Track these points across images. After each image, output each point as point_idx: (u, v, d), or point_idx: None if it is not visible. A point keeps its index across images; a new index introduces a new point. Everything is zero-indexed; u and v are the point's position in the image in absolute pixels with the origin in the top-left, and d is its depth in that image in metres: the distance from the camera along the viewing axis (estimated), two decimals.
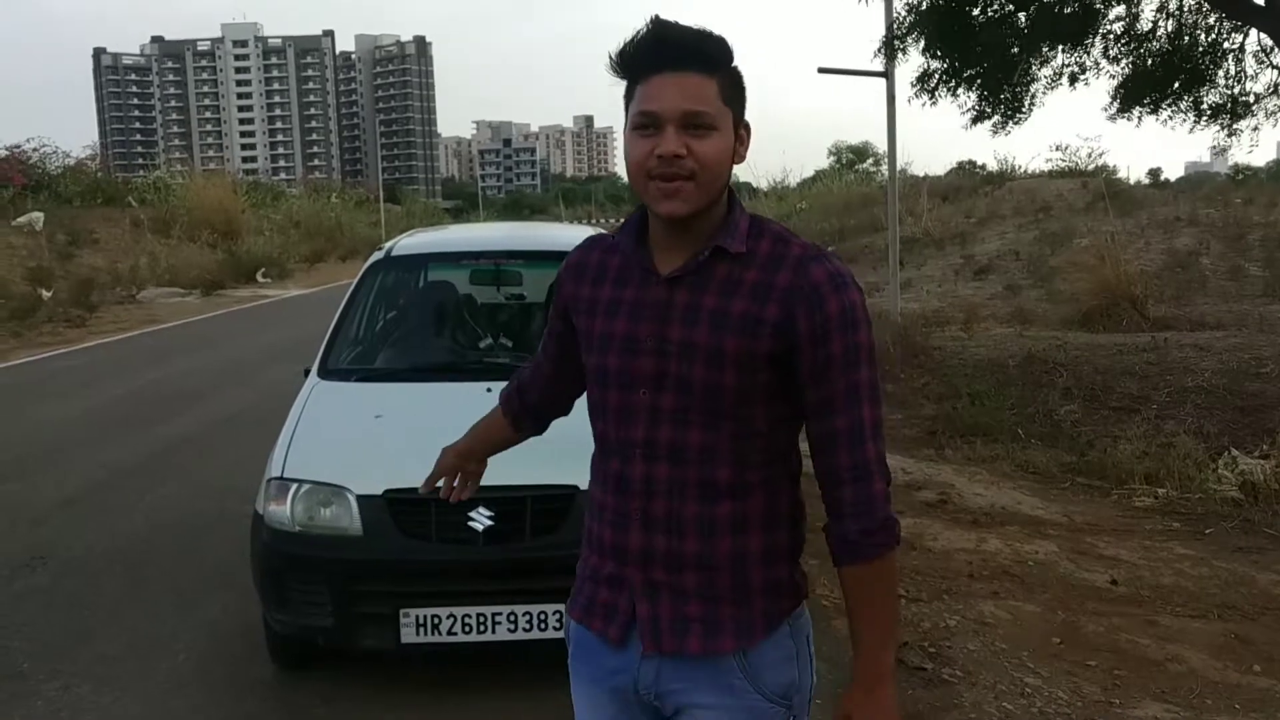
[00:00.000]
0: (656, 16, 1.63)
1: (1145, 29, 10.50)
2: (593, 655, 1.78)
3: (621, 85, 1.67)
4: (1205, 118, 10.62)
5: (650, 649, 1.70)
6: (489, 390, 4.30)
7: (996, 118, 11.04)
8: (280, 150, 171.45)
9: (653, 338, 1.66)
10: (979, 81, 10.66)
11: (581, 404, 1.96)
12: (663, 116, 1.58)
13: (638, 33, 1.62)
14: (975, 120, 11.10)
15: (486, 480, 3.63)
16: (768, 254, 1.65)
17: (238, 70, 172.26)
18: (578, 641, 1.83)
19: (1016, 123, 11.05)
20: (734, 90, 1.64)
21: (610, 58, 1.66)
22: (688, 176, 1.59)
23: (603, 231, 1.96)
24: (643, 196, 1.67)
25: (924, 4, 10.20)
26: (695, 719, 1.71)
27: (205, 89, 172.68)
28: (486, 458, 2.26)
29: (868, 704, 1.63)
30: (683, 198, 1.60)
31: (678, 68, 1.59)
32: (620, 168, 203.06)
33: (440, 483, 2.29)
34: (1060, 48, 10.39)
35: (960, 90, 10.75)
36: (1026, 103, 10.91)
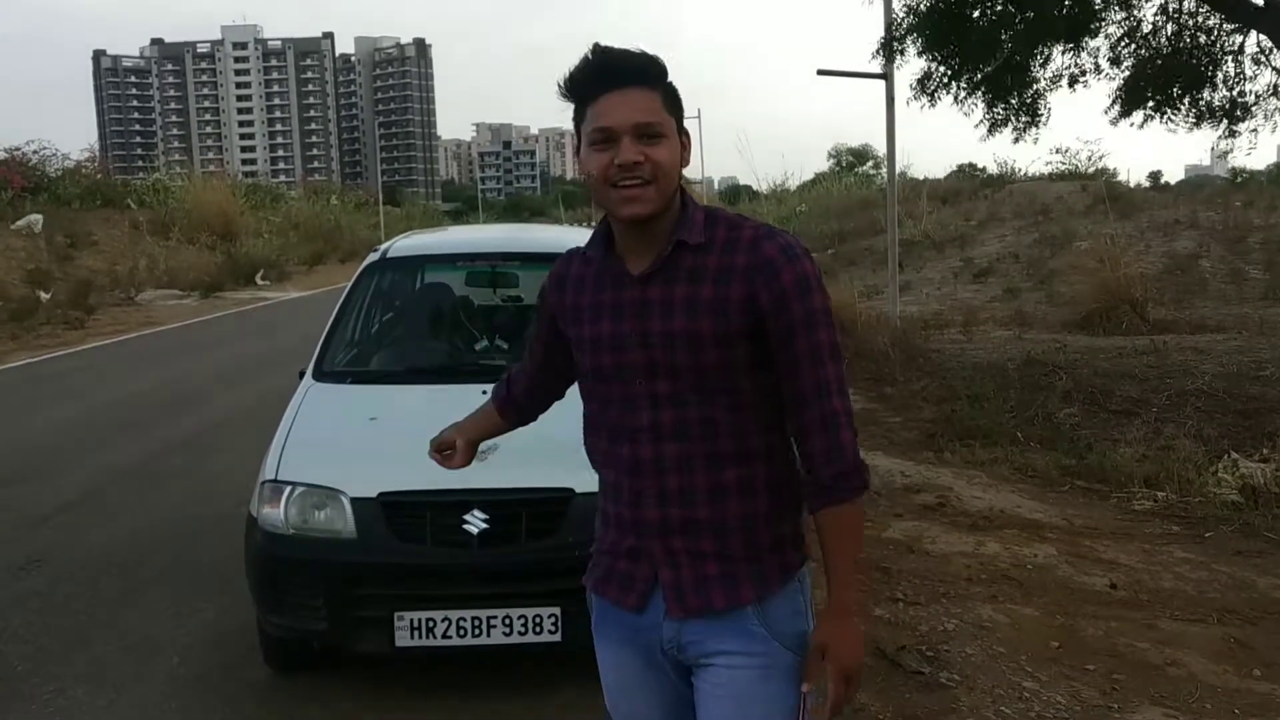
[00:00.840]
0: (597, 44, 1.81)
1: (1145, 31, 10.49)
2: (615, 619, 1.96)
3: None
4: (1205, 119, 10.61)
5: (676, 613, 1.86)
6: (484, 393, 4.28)
7: (1014, 124, 11.01)
8: (280, 152, 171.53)
9: (636, 333, 1.83)
10: (981, 86, 10.64)
11: (574, 410, 2.10)
12: (618, 129, 1.76)
13: (583, 60, 1.80)
14: (992, 129, 11.08)
15: (482, 483, 3.65)
16: (724, 240, 1.82)
17: (237, 72, 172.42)
18: (599, 608, 2.00)
19: (1036, 127, 11.01)
20: (673, 102, 1.82)
21: (559, 84, 1.84)
22: (647, 181, 1.77)
23: (577, 245, 2.05)
24: (606, 206, 1.84)
25: (922, 6, 10.19)
26: (717, 670, 1.87)
27: (205, 91, 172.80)
28: (478, 442, 2.40)
29: (840, 631, 1.81)
30: (643, 201, 1.78)
31: (624, 85, 1.77)
32: None
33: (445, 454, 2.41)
34: (1059, 49, 10.38)
35: (960, 93, 10.73)
36: (1043, 108, 10.88)
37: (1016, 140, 11.27)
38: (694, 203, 1.87)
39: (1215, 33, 10.37)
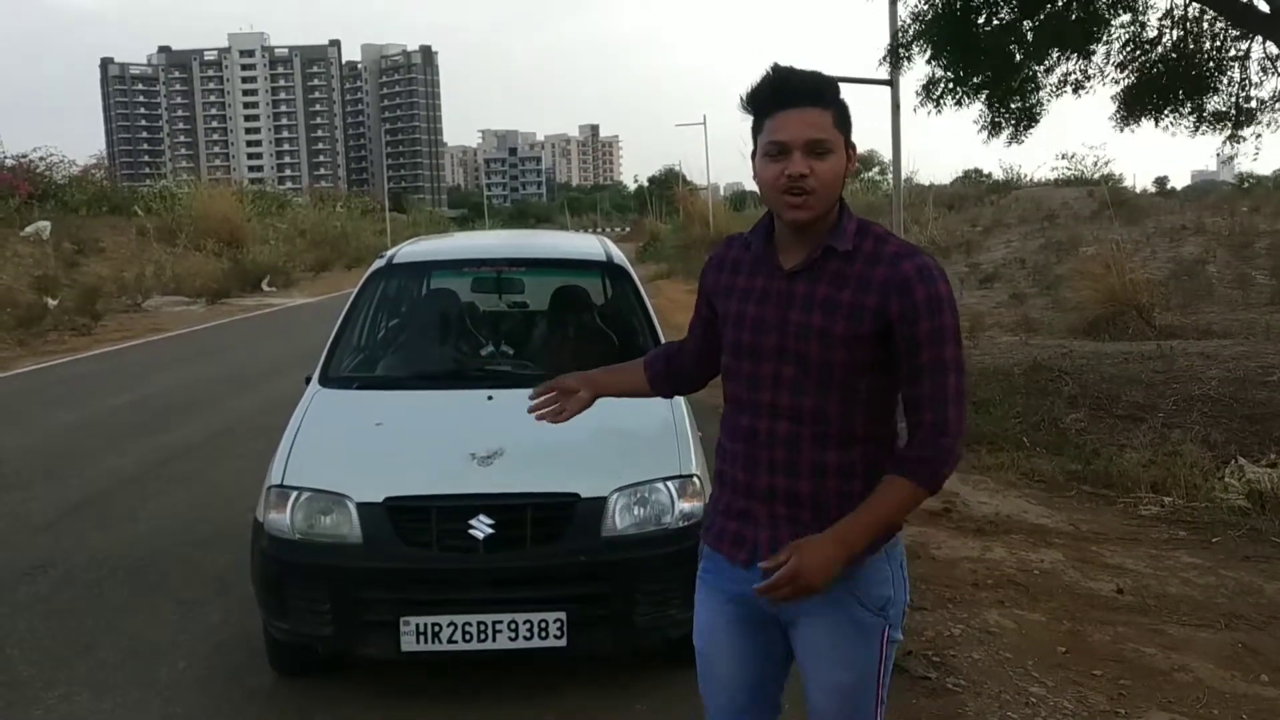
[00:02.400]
0: (777, 64, 2.04)
1: (1151, 36, 10.48)
2: (722, 571, 2.19)
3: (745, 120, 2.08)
4: (1210, 125, 10.59)
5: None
6: (490, 398, 4.30)
7: (1009, 129, 11.00)
8: (286, 159, 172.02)
9: (777, 319, 2.07)
10: (986, 91, 10.63)
11: (581, 417, 2.40)
12: (790, 144, 1.98)
13: (763, 77, 2.04)
14: (991, 133, 11.08)
15: (487, 488, 3.65)
16: (870, 252, 2.04)
17: (244, 80, 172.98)
18: (709, 558, 2.24)
19: (1028, 130, 11.00)
20: (843, 119, 2.03)
21: (741, 98, 2.07)
22: (811, 191, 1.98)
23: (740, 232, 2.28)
24: (773, 208, 2.08)
25: (929, 13, 10.18)
26: (808, 626, 2.12)
27: (212, 98, 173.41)
28: (599, 396, 2.53)
29: (819, 545, 1.95)
30: (806, 208, 2.00)
31: (799, 104, 1.99)
32: (625, 176, 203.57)
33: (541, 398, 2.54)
34: (1065, 56, 10.36)
35: (966, 99, 10.72)
36: (1037, 112, 10.87)
37: (1010, 144, 11.25)
38: (849, 213, 2.08)
39: (1221, 39, 10.35)
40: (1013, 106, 10.78)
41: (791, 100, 1.98)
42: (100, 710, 3.89)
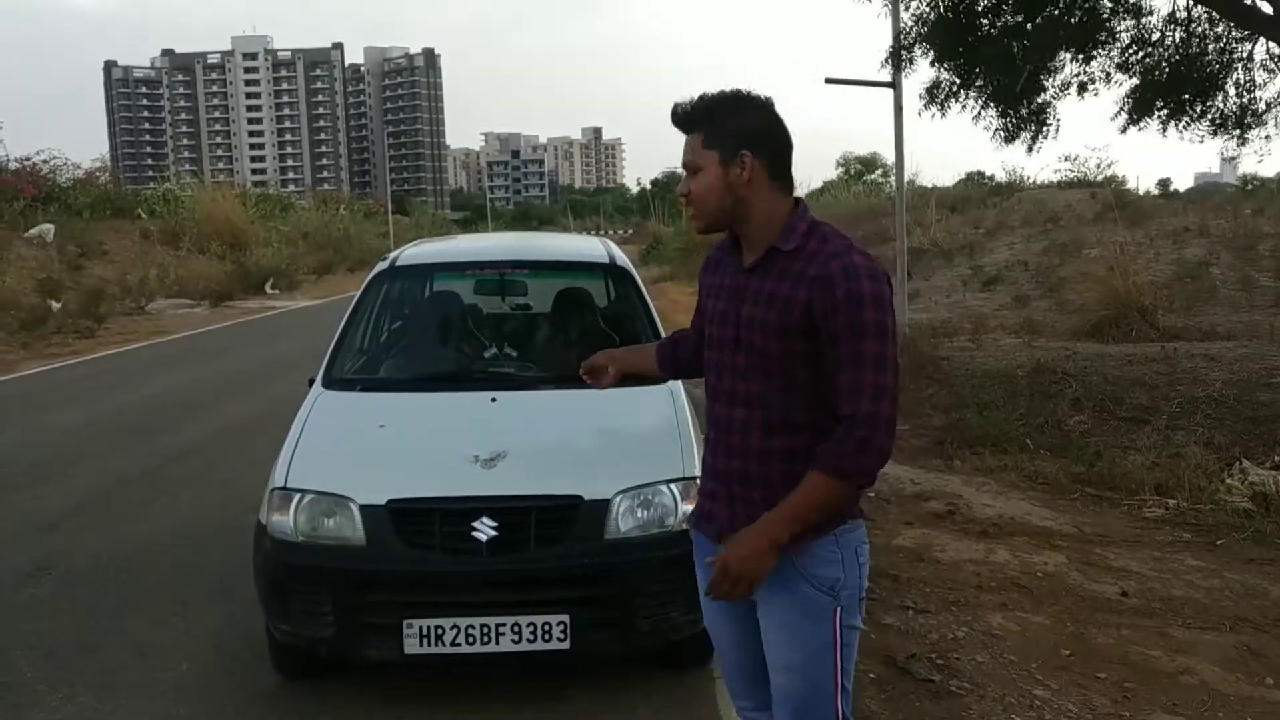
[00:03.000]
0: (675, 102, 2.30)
1: (1154, 38, 10.45)
2: (704, 549, 2.40)
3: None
4: (1216, 127, 10.57)
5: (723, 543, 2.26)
6: (493, 400, 4.31)
7: (1026, 135, 10.98)
8: (289, 162, 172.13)
9: (734, 313, 2.28)
10: (990, 94, 10.60)
11: (581, 419, 2.83)
12: (682, 168, 2.31)
13: None
14: (1008, 140, 11.05)
15: (490, 490, 3.65)
16: (813, 251, 2.20)
17: (247, 83, 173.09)
18: (696, 539, 2.48)
19: (1045, 137, 10.98)
20: (713, 136, 2.23)
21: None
22: (693, 204, 2.29)
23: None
24: None
25: (932, 16, 10.17)
26: (764, 605, 2.29)
27: (215, 101, 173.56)
28: (623, 373, 2.82)
29: (743, 539, 2.17)
30: (696, 218, 2.33)
31: (683, 130, 2.29)
32: (628, 179, 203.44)
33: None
34: (1069, 57, 10.34)
35: (971, 102, 10.70)
36: (1047, 117, 10.85)
37: (1030, 150, 11.24)
38: (804, 215, 2.26)
39: (1225, 40, 10.33)
40: (1022, 112, 10.75)
41: (679, 128, 2.29)
42: (103, 711, 3.89)
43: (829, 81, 13.17)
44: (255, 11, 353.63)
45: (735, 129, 2.22)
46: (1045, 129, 10.89)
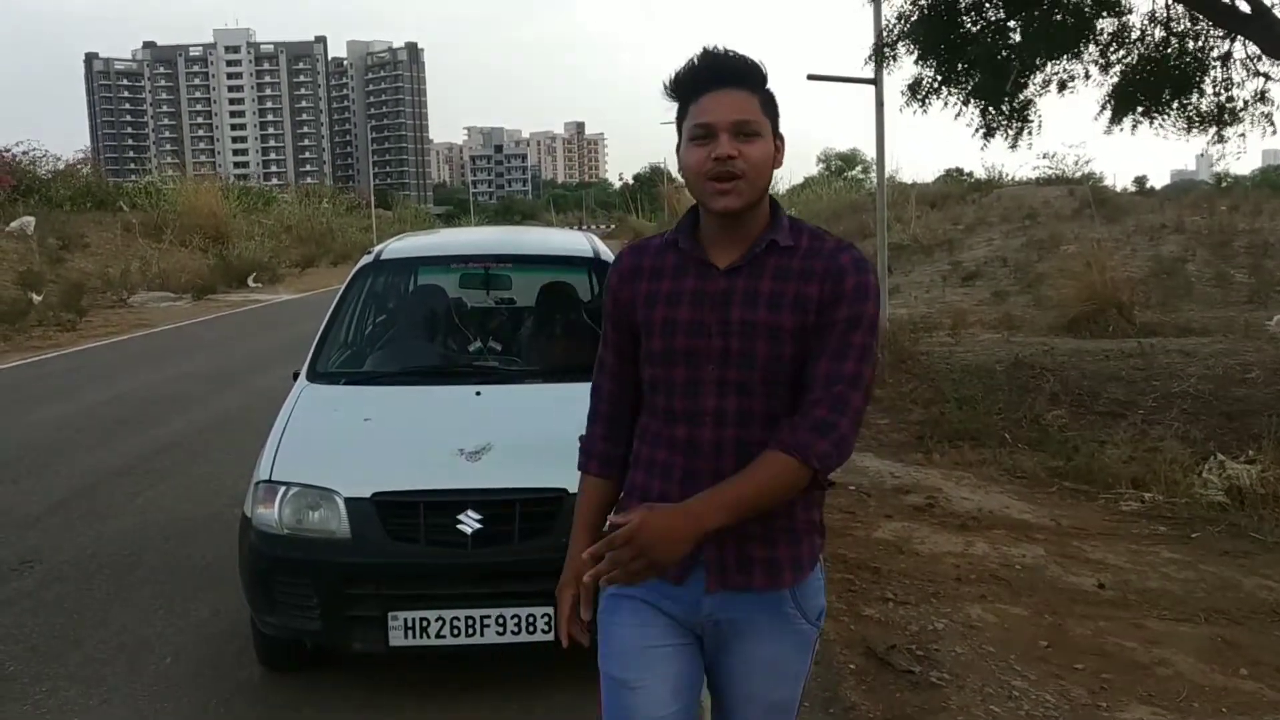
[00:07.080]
0: (705, 47, 1.92)
1: (1134, 37, 10.53)
2: (651, 586, 1.94)
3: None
4: (1195, 125, 10.65)
5: (715, 588, 1.95)
6: (478, 394, 4.33)
7: (1009, 133, 11.03)
8: (272, 155, 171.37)
9: (718, 321, 1.92)
10: (973, 91, 10.65)
11: (567, 410, 2.31)
12: (717, 126, 1.87)
13: (689, 61, 1.92)
14: (988, 136, 11.10)
15: (475, 483, 3.68)
16: (808, 247, 1.95)
17: (230, 76, 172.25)
18: (647, 590, 2.00)
19: (1028, 134, 11.03)
20: (770, 106, 1.93)
21: (664, 83, 1.95)
22: (739, 176, 1.87)
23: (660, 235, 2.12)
24: (699, 198, 1.94)
25: (914, 14, 10.21)
26: (752, 640, 1.99)
27: (197, 94, 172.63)
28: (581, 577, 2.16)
29: (669, 516, 1.76)
30: (736, 194, 1.88)
31: (726, 85, 1.88)
32: (610, 174, 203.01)
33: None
34: (1054, 57, 10.39)
35: (953, 99, 10.75)
36: (1033, 114, 10.90)
37: (1014, 147, 11.29)
38: (782, 209, 2.00)
39: (1203, 39, 10.42)
40: (1004, 109, 10.81)
41: (717, 81, 1.88)
42: (88, 705, 3.90)
43: (811, 78, 13.24)
44: (237, 5, 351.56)
45: (777, 106, 1.96)
46: (1028, 126, 10.95)
